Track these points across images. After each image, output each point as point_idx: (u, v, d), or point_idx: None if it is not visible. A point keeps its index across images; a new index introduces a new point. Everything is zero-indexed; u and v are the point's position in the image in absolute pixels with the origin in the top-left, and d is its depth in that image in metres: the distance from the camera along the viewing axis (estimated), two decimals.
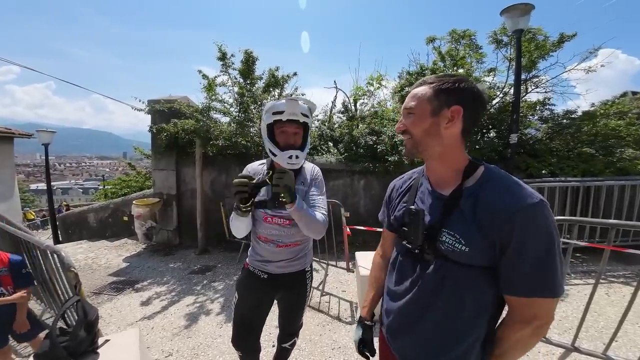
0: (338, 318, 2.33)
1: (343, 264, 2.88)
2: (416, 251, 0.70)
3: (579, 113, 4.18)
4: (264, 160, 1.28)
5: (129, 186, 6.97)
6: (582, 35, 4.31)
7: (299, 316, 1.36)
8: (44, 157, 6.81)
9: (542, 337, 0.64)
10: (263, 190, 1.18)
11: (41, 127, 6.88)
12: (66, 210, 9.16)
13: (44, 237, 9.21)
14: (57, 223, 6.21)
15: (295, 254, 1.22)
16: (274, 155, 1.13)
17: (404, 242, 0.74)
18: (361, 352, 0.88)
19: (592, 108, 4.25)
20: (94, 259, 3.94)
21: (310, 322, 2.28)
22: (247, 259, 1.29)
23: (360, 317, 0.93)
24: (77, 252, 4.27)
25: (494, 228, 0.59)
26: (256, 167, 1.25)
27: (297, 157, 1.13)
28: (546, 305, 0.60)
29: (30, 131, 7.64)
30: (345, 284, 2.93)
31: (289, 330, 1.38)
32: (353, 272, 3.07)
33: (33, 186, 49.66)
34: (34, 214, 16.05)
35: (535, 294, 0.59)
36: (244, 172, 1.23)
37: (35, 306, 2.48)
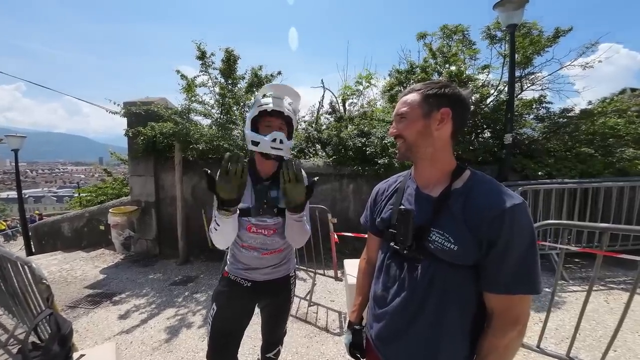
0: (326, 329, 2.40)
1: (331, 272, 2.96)
2: (405, 252, 0.76)
3: (577, 111, 4.32)
4: None
5: (105, 193, 6.99)
6: (578, 29, 4.49)
7: (283, 323, 1.40)
8: (14, 164, 6.84)
9: (524, 336, 0.71)
10: (247, 197, 1.18)
11: (10, 131, 6.91)
12: (39, 220, 9.13)
13: (16, 248, 9.16)
14: (30, 233, 6.22)
15: (280, 259, 1.26)
16: (256, 144, 1.13)
17: (392, 244, 0.80)
18: (352, 354, 0.97)
19: (590, 106, 4.39)
20: (69, 270, 3.98)
21: (297, 333, 2.35)
22: (225, 267, 1.30)
23: (350, 322, 1.02)
24: (51, 263, 4.30)
25: (482, 227, 0.66)
26: None
27: (281, 141, 1.12)
28: (527, 303, 0.68)
29: (2, 137, 7.64)
30: (333, 294, 3.03)
31: (273, 339, 1.41)
32: (342, 280, 3.14)
33: (3, 194, 49.00)
34: (4, 223, 15.92)
35: (519, 290, 0.65)
36: None
37: (7, 321, 2.54)
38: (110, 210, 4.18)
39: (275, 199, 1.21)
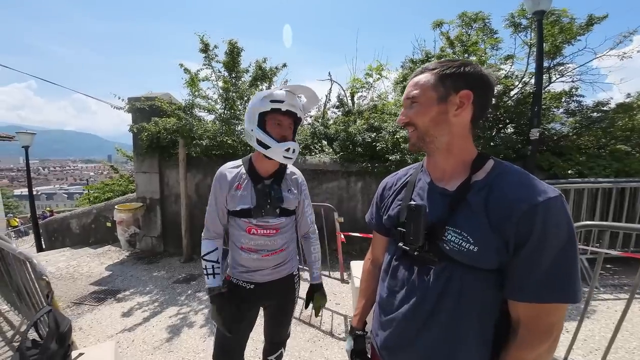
0: (331, 333, 2.38)
1: (337, 274, 2.94)
2: (415, 253, 0.70)
3: (612, 105, 4.12)
4: (239, 162, 1.27)
5: (112, 190, 7.29)
6: (614, 17, 4.25)
7: (287, 324, 1.39)
8: (25, 161, 7.19)
9: (555, 350, 0.63)
10: (247, 198, 1.18)
11: (23, 129, 7.25)
12: (50, 216, 9.58)
13: (28, 244, 9.66)
14: (40, 230, 6.53)
15: (282, 259, 1.27)
16: (266, 147, 1.12)
17: (400, 244, 0.74)
18: None
19: (628, 99, 4.17)
20: (75, 267, 4.14)
21: (300, 337, 2.34)
22: (227, 270, 1.31)
23: (352, 327, 0.98)
24: (59, 260, 4.49)
25: (509, 224, 0.59)
26: (232, 171, 1.24)
27: (294, 150, 1.14)
28: (561, 313, 0.60)
29: (12, 134, 8.05)
30: (339, 296, 3.00)
31: (276, 340, 1.41)
32: (348, 283, 3.13)
33: (17, 192, 51.47)
34: (17, 220, 16.82)
35: (551, 297, 0.58)
36: (218, 175, 1.21)
37: (13, 317, 2.66)
38: (115, 207, 4.32)
39: (278, 198, 1.20)
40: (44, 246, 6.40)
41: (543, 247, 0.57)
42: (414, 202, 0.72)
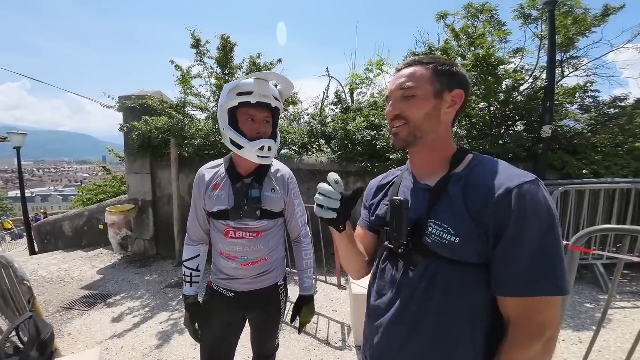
0: (327, 342, 2.37)
1: (334, 279, 2.93)
2: (400, 251, 0.72)
3: (631, 101, 4.03)
4: (220, 161, 1.25)
5: (104, 192, 7.40)
6: (631, 7, 4.18)
7: (274, 336, 1.37)
8: (18, 162, 7.32)
9: (553, 353, 0.62)
10: (225, 198, 1.15)
11: (17, 129, 7.39)
12: (45, 218, 9.75)
13: (22, 247, 9.84)
14: (33, 233, 6.65)
15: (264, 269, 1.22)
16: (239, 147, 1.08)
17: (386, 243, 0.75)
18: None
19: None
20: (67, 270, 4.21)
21: (295, 345, 2.34)
22: (210, 277, 1.30)
23: None
24: (51, 263, 4.57)
25: (486, 211, 0.60)
26: (211, 171, 1.22)
27: (269, 148, 1.09)
28: (554, 307, 0.59)
29: (6, 135, 8.21)
30: (336, 303, 2.99)
31: (264, 353, 1.39)
32: (345, 289, 3.13)
33: (12, 193, 52.05)
34: (11, 223, 17.14)
35: (539, 290, 0.57)
36: (197, 176, 1.22)
37: (2, 324, 2.71)
38: (107, 209, 4.38)
39: (257, 199, 1.15)
40: (36, 249, 6.51)
41: (523, 235, 0.57)
42: (397, 198, 0.73)
